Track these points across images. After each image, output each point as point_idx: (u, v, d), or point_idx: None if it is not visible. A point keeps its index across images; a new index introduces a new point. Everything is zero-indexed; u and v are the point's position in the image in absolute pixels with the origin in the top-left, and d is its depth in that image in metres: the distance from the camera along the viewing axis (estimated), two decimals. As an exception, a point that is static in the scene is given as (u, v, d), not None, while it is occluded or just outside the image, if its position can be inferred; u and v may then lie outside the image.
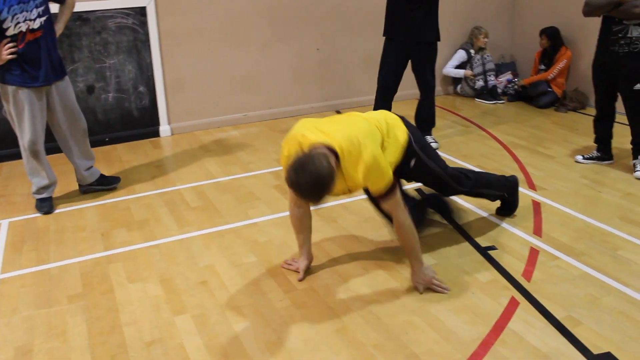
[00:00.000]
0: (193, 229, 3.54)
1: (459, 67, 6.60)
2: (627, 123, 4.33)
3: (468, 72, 6.50)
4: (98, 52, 5.00)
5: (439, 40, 4.73)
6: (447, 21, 6.52)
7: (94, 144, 4.54)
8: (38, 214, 3.79)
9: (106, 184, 4.12)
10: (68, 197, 4.05)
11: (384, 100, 4.83)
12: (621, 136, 4.72)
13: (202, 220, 3.64)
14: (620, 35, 4.06)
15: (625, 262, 3.10)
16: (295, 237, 3.01)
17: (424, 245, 3.09)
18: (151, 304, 2.79)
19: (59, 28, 3.81)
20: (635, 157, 4.35)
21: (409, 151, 2.86)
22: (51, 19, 3.65)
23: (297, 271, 2.99)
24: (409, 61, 4.74)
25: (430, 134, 5.03)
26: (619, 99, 4.34)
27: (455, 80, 6.80)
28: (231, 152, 4.89)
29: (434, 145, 4.90)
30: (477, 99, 6.51)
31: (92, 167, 4.04)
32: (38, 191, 3.84)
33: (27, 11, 3.46)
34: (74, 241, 3.43)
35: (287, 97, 5.91)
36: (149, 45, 5.11)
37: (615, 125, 4.49)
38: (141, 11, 5.05)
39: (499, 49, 6.95)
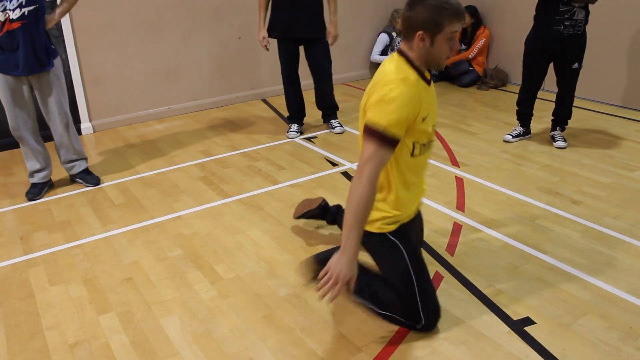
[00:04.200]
0: (117, 226, 3.46)
1: (383, 51, 6.67)
2: (546, 98, 4.47)
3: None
4: (9, 50, 4.79)
5: (324, 35, 4.71)
6: (367, 5, 6.60)
7: (16, 144, 4.45)
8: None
9: (88, 181, 4.05)
10: (-16, 202, 3.90)
11: (292, 88, 4.88)
12: (538, 110, 4.89)
13: (126, 217, 3.56)
14: (566, 16, 4.05)
15: (544, 231, 3.21)
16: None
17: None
18: (74, 305, 2.71)
19: (53, 19, 3.69)
20: (554, 129, 4.52)
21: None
22: (41, 10, 3.56)
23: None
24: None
25: (336, 118, 5.07)
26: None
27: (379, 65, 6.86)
28: (155, 147, 4.80)
29: (338, 129, 4.95)
30: None
31: (74, 161, 4.01)
32: (30, 174, 3.91)
33: (6, 0, 3.41)
34: (-10, 247, 3.30)
35: (211, 88, 5.83)
36: (63, 41, 4.93)
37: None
38: (51, 5, 4.86)
39: (420, 31, 7.04)
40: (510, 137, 4.59)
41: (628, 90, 5.32)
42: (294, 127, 4.93)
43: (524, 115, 4.59)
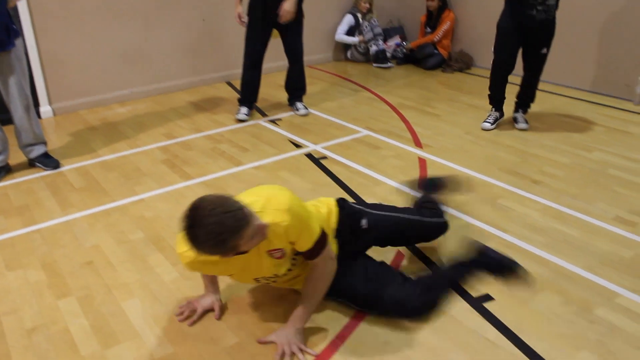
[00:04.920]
0: (77, 210, 3.40)
1: (349, 33, 6.66)
2: (510, 81, 4.49)
3: (361, 37, 6.58)
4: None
5: (302, 17, 4.69)
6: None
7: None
8: None
9: (46, 164, 3.96)
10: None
11: (253, 72, 4.79)
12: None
13: (86, 201, 3.51)
14: (539, 0, 4.03)
15: (504, 210, 3.26)
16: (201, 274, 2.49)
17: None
18: (32, 290, 2.66)
19: None
20: (517, 111, 4.57)
21: (349, 213, 2.46)
22: None
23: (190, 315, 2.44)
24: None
25: (301, 100, 5.06)
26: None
27: (346, 46, 6.86)
28: (117, 130, 4.72)
29: (303, 111, 4.94)
30: (374, 64, 6.59)
31: (33, 145, 3.93)
32: None
33: None
34: (-55, 233, 3.23)
35: (174, 70, 5.75)
36: (19, 21, 4.80)
37: (486, 81, 4.66)
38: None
39: (386, 13, 7.05)
40: (489, 124, 4.51)
41: (588, 74, 5.40)
42: (244, 109, 4.86)
43: (498, 99, 4.56)
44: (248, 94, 4.87)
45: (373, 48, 6.54)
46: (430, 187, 3.03)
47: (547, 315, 2.39)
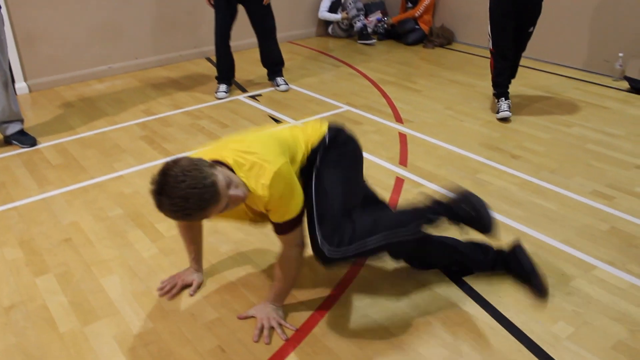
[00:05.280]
0: (55, 187, 3.36)
1: (331, 8, 6.60)
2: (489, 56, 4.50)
3: (344, 14, 6.52)
4: None
5: None
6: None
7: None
8: None
9: (23, 142, 3.91)
10: None
11: (224, 47, 4.74)
12: (482, 68, 4.94)
13: (64, 178, 3.47)
14: None
15: (483, 184, 3.27)
16: (186, 249, 2.47)
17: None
18: (9, 268, 2.64)
19: None
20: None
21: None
22: None
23: (177, 290, 2.44)
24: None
25: (281, 75, 5.02)
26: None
27: (327, 22, 6.80)
28: (95, 107, 4.66)
29: (283, 87, 4.91)
30: (358, 41, 6.54)
31: (9, 122, 3.86)
32: None
33: None
34: None
35: (153, 45, 5.67)
36: (-8, -4, 4.70)
37: (467, 56, 4.66)
38: (-20, -42, 4.62)
39: (367, -12, 7.00)
40: (508, 112, 4.21)
41: (568, 50, 5.42)
42: (223, 87, 4.82)
43: (504, 85, 4.32)
44: (225, 71, 4.83)
45: (357, 25, 6.49)
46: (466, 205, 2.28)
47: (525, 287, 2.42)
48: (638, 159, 3.58)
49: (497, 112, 4.21)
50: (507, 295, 2.37)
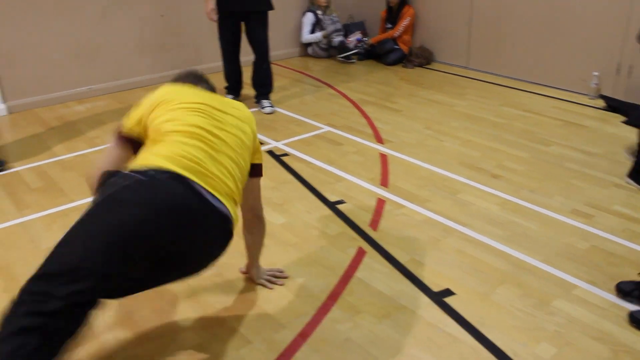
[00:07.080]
0: (33, 211, 3.32)
1: (312, 30, 6.66)
2: (468, 75, 4.55)
3: (324, 32, 6.59)
4: None
5: (271, 9, 4.73)
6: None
7: None
8: None
9: None
10: None
11: (231, 66, 4.94)
12: (460, 87, 4.95)
13: (43, 201, 3.43)
14: None
15: (464, 204, 3.29)
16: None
17: (274, 210, 3.11)
18: (-13, 294, 2.59)
19: None
20: None
21: None
22: None
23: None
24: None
25: (267, 98, 5.04)
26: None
27: (307, 43, 6.85)
28: (75, 128, 4.63)
29: (268, 109, 4.92)
30: (339, 56, 6.60)
31: None
32: None
33: None
34: None
35: (133, 67, 5.66)
36: (-30, 17, 4.67)
37: (446, 75, 4.70)
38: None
39: (347, 9, 7.07)
40: None
41: (545, 69, 5.49)
42: (230, 97, 4.87)
43: None
44: (233, 82, 5.05)
45: (336, 40, 6.55)
46: None
47: (507, 308, 2.42)
48: (616, 177, 3.62)
49: None
50: (490, 317, 2.37)
